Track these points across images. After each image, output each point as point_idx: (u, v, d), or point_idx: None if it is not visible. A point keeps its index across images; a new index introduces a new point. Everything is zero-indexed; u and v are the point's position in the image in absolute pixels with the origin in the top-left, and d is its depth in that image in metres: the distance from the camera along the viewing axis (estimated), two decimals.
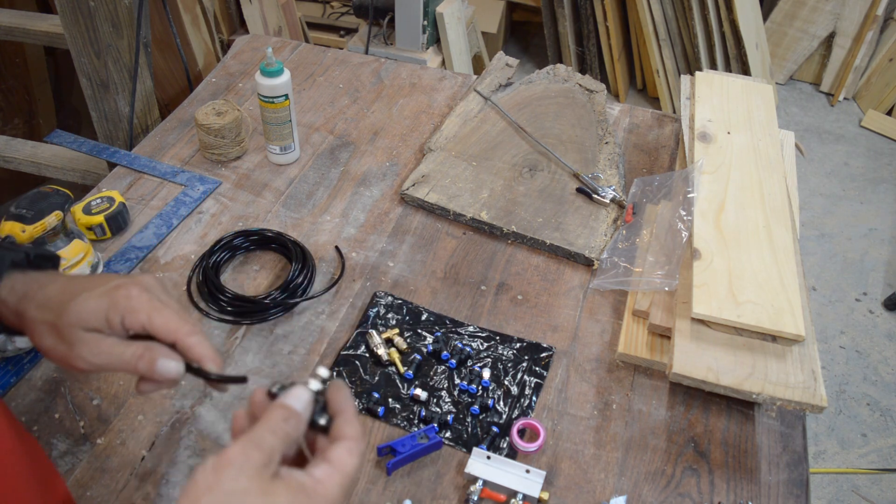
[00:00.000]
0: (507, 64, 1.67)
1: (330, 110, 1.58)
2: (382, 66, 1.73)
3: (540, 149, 1.44)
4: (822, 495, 2.00)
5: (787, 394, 0.94)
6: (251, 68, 1.69)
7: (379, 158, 1.46)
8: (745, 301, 1.02)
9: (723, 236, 1.12)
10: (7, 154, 1.71)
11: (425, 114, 1.59)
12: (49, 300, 0.62)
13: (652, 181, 1.30)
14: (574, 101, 1.56)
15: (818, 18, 3.38)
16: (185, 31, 1.86)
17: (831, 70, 3.49)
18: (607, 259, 1.20)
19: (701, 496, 0.95)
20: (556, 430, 1.01)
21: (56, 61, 2.28)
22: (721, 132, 1.32)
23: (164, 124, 1.52)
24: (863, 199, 2.99)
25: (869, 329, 2.46)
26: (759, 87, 1.44)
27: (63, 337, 0.61)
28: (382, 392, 1.04)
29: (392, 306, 1.16)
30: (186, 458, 0.96)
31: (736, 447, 1.00)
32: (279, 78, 1.30)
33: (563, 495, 0.94)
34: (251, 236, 1.24)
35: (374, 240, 1.28)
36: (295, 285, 1.16)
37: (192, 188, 1.36)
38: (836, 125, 3.38)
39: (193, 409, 1.01)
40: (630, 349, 1.09)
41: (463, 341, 1.11)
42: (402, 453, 0.94)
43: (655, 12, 3.09)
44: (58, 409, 1.00)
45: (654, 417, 1.03)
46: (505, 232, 1.28)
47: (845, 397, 2.24)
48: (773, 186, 1.22)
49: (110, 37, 1.48)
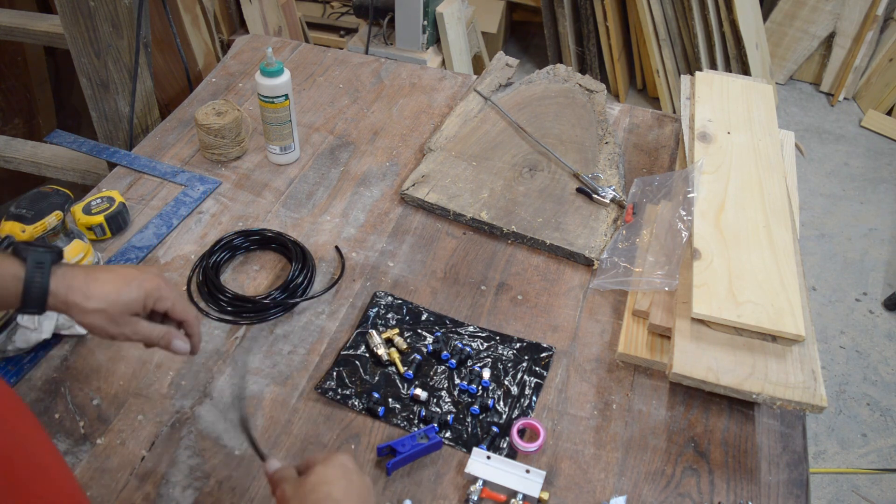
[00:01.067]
0: (507, 64, 1.67)
1: (330, 110, 1.58)
2: (382, 66, 1.73)
3: (540, 149, 1.44)
4: (822, 495, 2.00)
5: (787, 394, 0.94)
6: (251, 68, 1.69)
7: (379, 158, 1.46)
8: (745, 301, 1.02)
9: (723, 236, 1.12)
10: (7, 154, 1.71)
11: (425, 114, 1.59)
12: (96, 292, 0.79)
13: (652, 181, 1.30)
14: (574, 101, 1.56)
15: (818, 18, 3.37)
16: (185, 31, 1.86)
17: (831, 70, 3.49)
18: (607, 259, 1.20)
19: (701, 496, 0.95)
20: (556, 430, 1.01)
21: (56, 61, 2.28)
22: (721, 132, 1.32)
23: (164, 124, 1.52)
24: (863, 199, 2.99)
25: (869, 329, 2.46)
26: (759, 87, 1.44)
27: (112, 319, 0.80)
28: (382, 392, 1.04)
29: (392, 306, 1.16)
30: (186, 458, 0.96)
31: (736, 447, 1.00)
32: (279, 78, 1.30)
33: (563, 495, 0.94)
34: (251, 236, 1.24)
35: (374, 240, 1.28)
36: (295, 285, 1.16)
37: (192, 188, 1.36)
38: (836, 125, 3.38)
39: (193, 409, 1.01)
40: (630, 349, 1.09)
41: (463, 341, 1.11)
42: (402, 453, 0.94)
43: (655, 12, 3.09)
44: (58, 409, 1.00)
45: (654, 417, 1.03)
46: (505, 232, 1.28)
47: (845, 397, 2.24)
48: (773, 186, 1.22)
49: (110, 37, 1.48)
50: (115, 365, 1.06)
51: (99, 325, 0.80)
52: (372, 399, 1.02)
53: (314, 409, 1.02)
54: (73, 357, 1.07)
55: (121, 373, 1.05)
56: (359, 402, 1.02)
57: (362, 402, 1.02)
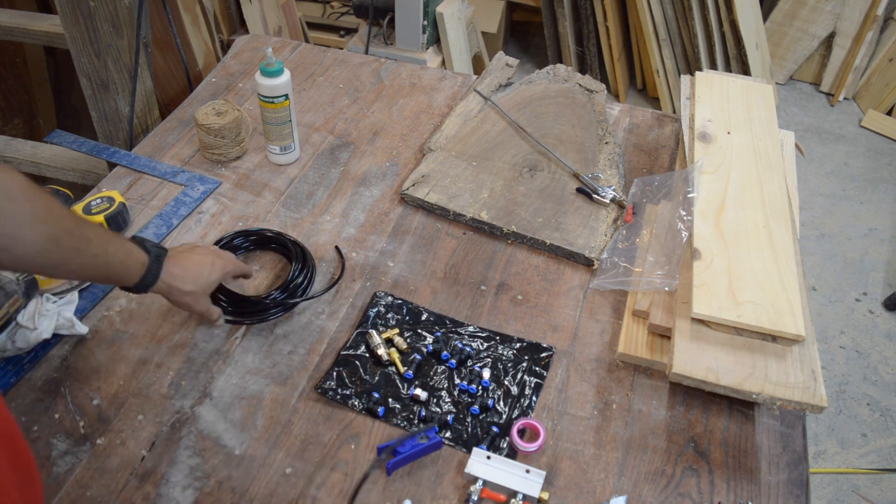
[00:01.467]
0: (507, 64, 1.67)
1: (330, 110, 1.58)
2: (382, 66, 1.73)
3: (540, 149, 1.44)
4: (822, 495, 2.00)
5: (787, 394, 0.94)
6: (251, 68, 1.69)
7: (379, 158, 1.46)
8: (745, 301, 1.02)
9: (723, 236, 1.12)
10: (7, 154, 1.71)
11: (425, 114, 1.59)
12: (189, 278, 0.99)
13: (652, 181, 1.30)
14: (574, 101, 1.56)
15: (818, 18, 3.37)
16: (185, 31, 1.85)
17: (831, 70, 3.49)
18: (607, 259, 1.20)
19: (701, 496, 0.95)
20: (556, 430, 1.01)
21: (56, 61, 2.28)
22: (721, 132, 1.32)
23: (164, 124, 1.52)
24: (863, 199, 2.99)
25: (869, 329, 2.46)
26: (759, 87, 1.44)
27: (196, 298, 1.01)
28: (382, 392, 1.04)
29: (392, 306, 1.16)
30: (186, 458, 0.96)
31: (736, 447, 1.00)
32: (279, 78, 1.30)
33: (563, 495, 0.94)
34: (251, 236, 1.24)
35: (374, 240, 1.28)
36: (295, 285, 1.16)
37: (192, 188, 1.36)
38: (836, 125, 3.38)
39: (193, 409, 1.01)
40: (630, 349, 1.09)
41: (463, 341, 1.11)
42: (402, 453, 0.94)
43: (655, 12, 3.09)
44: (58, 409, 1.00)
45: (654, 417, 1.03)
46: (505, 232, 1.28)
47: (845, 397, 2.24)
48: (773, 186, 1.22)
49: (110, 37, 1.48)
50: (115, 365, 1.06)
51: (188, 302, 1.01)
52: (372, 399, 1.02)
53: (314, 409, 1.02)
54: (73, 357, 1.07)
55: (121, 373, 1.05)
56: (359, 402, 1.02)
57: (362, 402, 1.02)
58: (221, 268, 1.04)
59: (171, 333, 1.11)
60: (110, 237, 0.90)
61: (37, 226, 0.77)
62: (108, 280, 0.95)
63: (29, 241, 0.77)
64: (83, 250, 0.84)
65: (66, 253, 0.82)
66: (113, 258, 0.89)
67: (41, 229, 0.78)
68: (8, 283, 1.00)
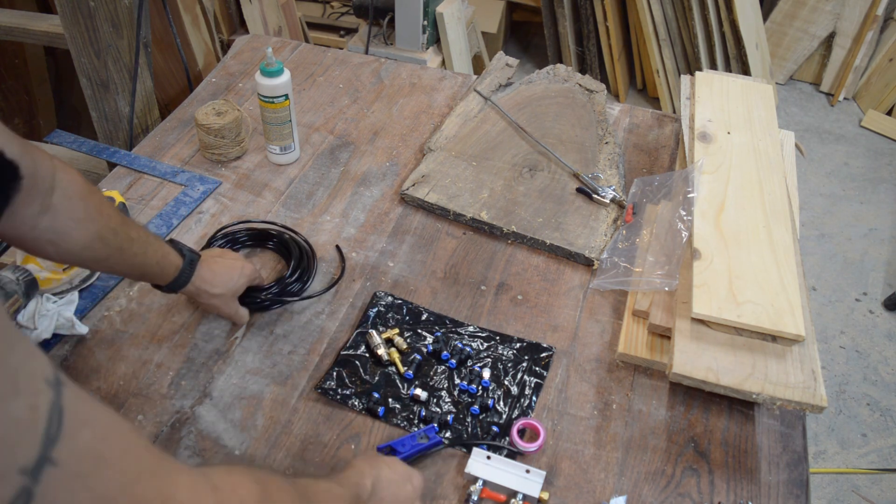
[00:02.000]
0: (507, 64, 1.67)
1: (330, 110, 1.58)
2: (382, 66, 1.73)
3: (540, 149, 1.44)
4: (822, 495, 2.00)
5: (787, 394, 0.94)
6: (251, 68, 1.69)
7: (379, 158, 1.46)
8: (745, 301, 1.02)
9: (723, 236, 1.12)
10: None
11: (425, 114, 1.59)
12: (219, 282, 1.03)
13: (652, 181, 1.30)
14: (574, 101, 1.56)
15: (818, 18, 3.37)
16: (185, 31, 1.85)
17: (831, 70, 3.49)
18: (607, 259, 1.20)
19: (701, 496, 0.95)
20: (556, 430, 1.01)
21: (56, 61, 2.28)
22: (721, 132, 1.32)
23: (164, 124, 1.52)
24: (863, 199, 2.99)
25: (869, 329, 2.46)
26: (759, 87, 1.44)
27: (225, 301, 1.06)
28: (382, 392, 1.04)
29: (392, 306, 1.16)
30: (186, 458, 0.96)
31: (736, 447, 1.00)
32: (279, 78, 1.30)
33: (563, 495, 0.94)
34: (252, 230, 1.25)
35: (374, 240, 1.28)
36: (297, 275, 1.16)
37: (192, 188, 1.36)
38: (836, 125, 3.38)
39: (193, 409, 1.01)
40: (630, 349, 1.09)
41: (463, 341, 1.11)
42: (402, 453, 0.94)
43: (655, 12, 3.09)
44: None
45: (654, 417, 1.03)
46: (505, 232, 1.28)
47: (845, 397, 2.24)
48: (773, 186, 1.22)
49: (110, 37, 1.48)
50: (115, 365, 1.06)
51: (216, 304, 1.06)
52: (372, 399, 1.02)
53: (314, 409, 1.02)
54: (73, 357, 1.07)
55: (121, 373, 1.05)
56: (359, 402, 1.02)
57: (362, 402, 1.02)
58: (250, 273, 1.08)
59: (171, 333, 1.11)
60: (150, 239, 0.94)
61: (87, 224, 0.83)
62: (143, 278, 0.99)
63: (77, 238, 0.83)
64: (125, 249, 0.89)
65: (109, 251, 0.87)
66: (150, 259, 0.94)
67: (90, 227, 0.84)
68: (8, 283, 1.00)
